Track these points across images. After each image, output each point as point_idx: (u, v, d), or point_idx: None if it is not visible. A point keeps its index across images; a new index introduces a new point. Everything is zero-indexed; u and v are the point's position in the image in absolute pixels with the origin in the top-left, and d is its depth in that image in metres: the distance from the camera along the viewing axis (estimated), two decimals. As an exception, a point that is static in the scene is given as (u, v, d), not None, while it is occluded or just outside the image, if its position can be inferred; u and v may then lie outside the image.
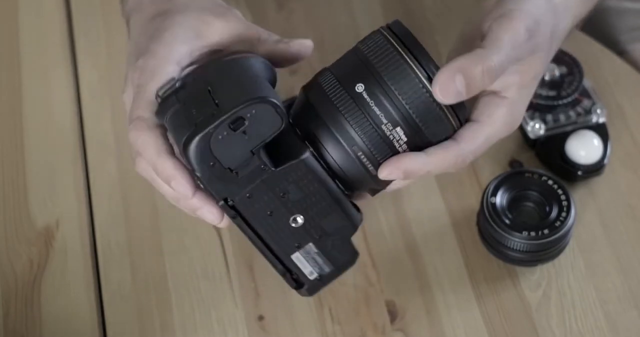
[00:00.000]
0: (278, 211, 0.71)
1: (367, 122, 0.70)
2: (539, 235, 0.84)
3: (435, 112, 0.70)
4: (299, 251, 0.72)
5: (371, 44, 0.72)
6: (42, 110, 0.99)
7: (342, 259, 0.74)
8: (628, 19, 1.07)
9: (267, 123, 0.70)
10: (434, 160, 0.72)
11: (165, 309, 0.87)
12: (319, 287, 0.74)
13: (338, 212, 0.72)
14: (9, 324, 0.87)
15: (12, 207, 0.93)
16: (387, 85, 0.70)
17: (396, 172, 0.71)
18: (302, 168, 0.71)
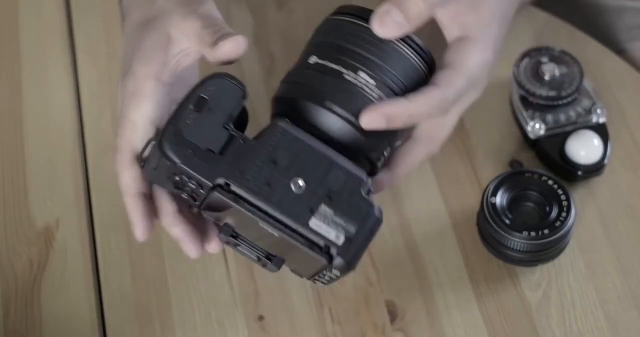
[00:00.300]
0: (275, 179, 0.70)
1: (329, 77, 0.72)
2: (539, 235, 0.84)
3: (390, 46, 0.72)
4: (314, 216, 0.70)
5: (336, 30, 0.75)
6: (42, 110, 0.99)
7: (366, 216, 0.71)
8: (627, 18, 1.07)
9: (228, 95, 0.71)
10: (415, 103, 0.73)
11: (165, 309, 0.87)
12: (352, 251, 0.70)
13: (337, 168, 0.71)
14: (9, 324, 0.87)
15: (12, 207, 0.93)
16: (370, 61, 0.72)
17: (377, 117, 0.72)
18: (280, 132, 0.71)
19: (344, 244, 0.70)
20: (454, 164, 0.93)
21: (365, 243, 0.71)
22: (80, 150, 0.96)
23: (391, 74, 0.73)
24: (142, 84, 0.76)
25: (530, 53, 0.94)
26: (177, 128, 0.71)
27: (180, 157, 0.70)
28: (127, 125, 0.75)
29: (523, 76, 0.93)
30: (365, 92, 0.72)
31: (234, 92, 0.72)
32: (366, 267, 0.88)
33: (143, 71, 0.76)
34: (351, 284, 0.88)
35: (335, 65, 0.73)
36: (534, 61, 0.94)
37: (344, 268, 0.71)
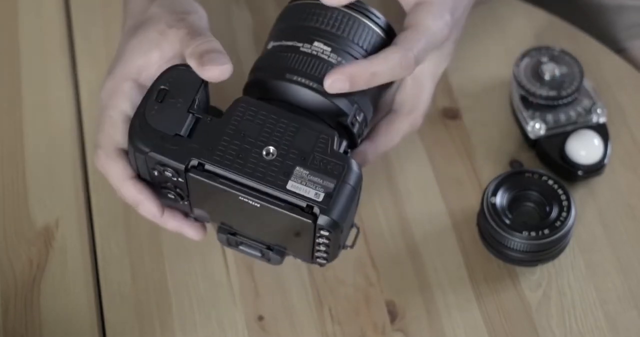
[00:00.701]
0: (246, 151, 0.71)
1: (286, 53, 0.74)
2: (539, 235, 0.84)
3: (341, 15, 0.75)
4: (291, 179, 0.71)
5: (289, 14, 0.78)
6: (42, 110, 0.99)
7: (342, 170, 0.71)
8: (627, 16, 1.07)
9: (188, 83, 0.73)
10: (375, 62, 0.74)
11: (165, 309, 0.87)
12: (336, 206, 0.70)
13: (305, 129, 0.72)
14: (8, 324, 0.87)
15: (12, 207, 0.93)
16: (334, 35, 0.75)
17: (340, 78, 0.73)
18: (242, 106, 0.72)
19: (325, 200, 0.70)
20: (454, 164, 0.93)
21: (350, 198, 0.71)
22: (80, 150, 0.96)
23: (347, 40, 0.75)
24: (120, 84, 0.78)
25: (530, 53, 0.94)
26: (142, 120, 0.73)
27: (150, 146, 0.72)
28: (107, 121, 0.77)
29: (523, 76, 0.93)
30: (322, 58, 0.74)
31: (194, 79, 0.73)
32: (366, 267, 0.88)
33: (122, 72, 0.78)
34: (351, 284, 0.88)
35: (290, 42, 0.75)
36: (534, 61, 0.94)
37: (330, 224, 0.71)
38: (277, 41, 0.76)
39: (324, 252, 0.75)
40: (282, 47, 0.76)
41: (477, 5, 0.86)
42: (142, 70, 0.78)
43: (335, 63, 0.74)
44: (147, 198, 0.77)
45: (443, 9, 0.77)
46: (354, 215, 0.76)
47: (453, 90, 0.97)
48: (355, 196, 0.72)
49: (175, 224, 0.80)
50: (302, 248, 0.75)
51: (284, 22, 0.78)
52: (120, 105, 0.77)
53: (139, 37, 0.79)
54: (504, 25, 1.00)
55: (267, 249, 0.78)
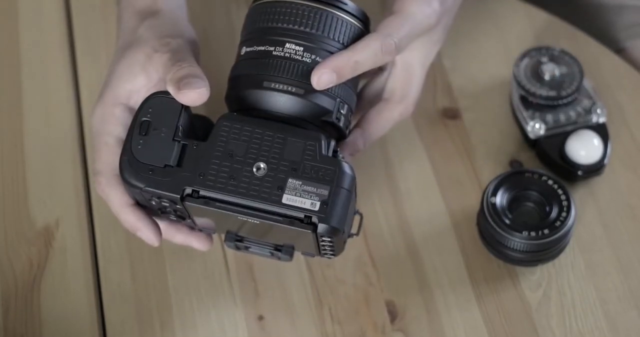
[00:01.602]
0: (236, 171, 0.71)
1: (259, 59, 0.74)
2: (539, 235, 0.84)
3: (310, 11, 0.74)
4: (285, 192, 0.71)
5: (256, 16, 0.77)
6: (42, 110, 0.99)
7: (333, 176, 0.71)
8: (626, 16, 1.07)
9: (168, 110, 0.73)
10: (356, 50, 0.75)
11: (165, 309, 0.87)
12: (333, 212, 0.71)
13: (288, 139, 0.72)
14: (8, 324, 0.87)
15: (12, 207, 0.93)
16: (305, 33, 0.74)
17: (326, 72, 0.73)
18: (225, 126, 0.72)
19: (322, 209, 0.71)
20: (454, 164, 0.93)
21: (346, 201, 0.71)
22: (80, 150, 0.96)
23: (320, 37, 0.74)
24: (111, 110, 0.79)
25: (530, 53, 0.94)
26: (130, 156, 0.73)
27: (142, 181, 0.72)
28: (103, 148, 0.78)
29: (523, 76, 0.93)
30: (296, 59, 0.74)
31: (174, 106, 0.74)
32: (366, 267, 0.88)
33: (111, 97, 0.79)
34: (351, 284, 0.88)
35: (262, 47, 0.75)
36: (534, 61, 0.94)
37: (329, 231, 0.71)
38: (249, 47, 0.76)
39: (330, 250, 0.75)
40: (254, 53, 0.75)
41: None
42: (132, 94, 0.79)
43: (310, 62, 0.74)
44: (145, 225, 0.78)
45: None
46: (353, 214, 0.76)
47: (453, 90, 0.97)
48: (350, 197, 0.72)
49: (181, 237, 0.81)
50: (308, 246, 0.76)
51: (252, 24, 0.77)
52: (113, 131, 0.78)
53: (127, 60, 0.79)
54: (504, 26, 1.00)
55: (275, 250, 0.78)
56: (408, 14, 0.77)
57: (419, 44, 0.80)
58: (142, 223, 0.78)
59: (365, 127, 0.81)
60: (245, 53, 0.76)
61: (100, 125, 0.79)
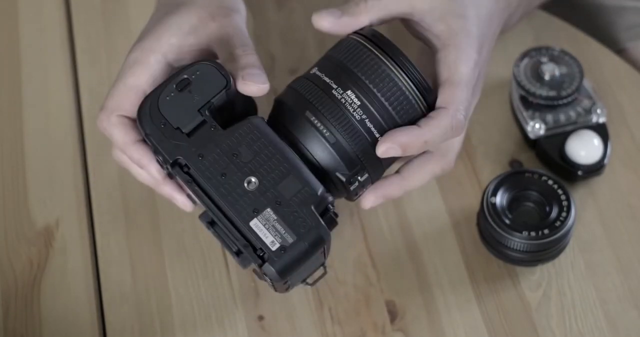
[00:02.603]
0: (231, 172, 0.71)
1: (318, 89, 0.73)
2: (539, 235, 0.84)
3: (387, 74, 0.73)
4: (257, 217, 0.71)
5: (344, 48, 0.75)
6: (42, 110, 0.99)
7: (307, 230, 0.71)
8: (627, 17, 1.07)
9: (211, 83, 0.73)
10: (427, 129, 0.74)
11: (166, 309, 0.87)
12: (284, 261, 0.71)
13: (293, 175, 0.72)
14: (9, 324, 0.87)
15: (12, 207, 0.93)
16: (367, 87, 0.73)
17: (393, 148, 0.73)
18: (249, 127, 0.72)
19: (277, 252, 0.71)
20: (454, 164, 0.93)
21: (303, 258, 0.71)
22: (80, 150, 0.96)
23: (380, 101, 0.73)
24: (146, 56, 0.77)
25: (530, 53, 0.94)
26: (155, 102, 0.73)
27: (149, 128, 0.73)
28: (121, 88, 0.77)
29: (523, 76, 0.93)
30: (347, 110, 0.73)
31: (219, 82, 0.73)
32: (366, 267, 0.88)
33: (151, 45, 0.77)
34: (351, 284, 0.88)
35: (328, 79, 0.74)
36: (534, 61, 0.94)
37: (272, 276, 0.71)
38: (320, 71, 0.75)
39: (269, 284, 0.75)
40: (319, 81, 0.74)
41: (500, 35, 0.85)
42: (173, 49, 0.77)
43: (357, 119, 0.73)
44: (150, 161, 0.77)
45: (471, 50, 0.76)
46: (312, 269, 0.76)
47: (453, 90, 0.97)
48: (309, 257, 0.72)
49: (168, 190, 0.80)
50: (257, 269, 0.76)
51: (338, 52, 0.75)
52: (139, 77, 0.77)
53: (181, 16, 0.78)
54: (503, 25, 1.00)
55: (237, 252, 0.75)
56: (461, 77, 0.75)
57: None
58: (147, 159, 0.77)
59: (406, 176, 0.79)
60: (313, 74, 0.75)
61: (129, 68, 0.77)
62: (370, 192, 0.77)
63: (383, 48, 0.74)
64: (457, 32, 0.76)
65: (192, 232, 0.91)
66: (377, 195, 0.77)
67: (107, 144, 0.96)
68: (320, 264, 0.76)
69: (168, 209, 0.92)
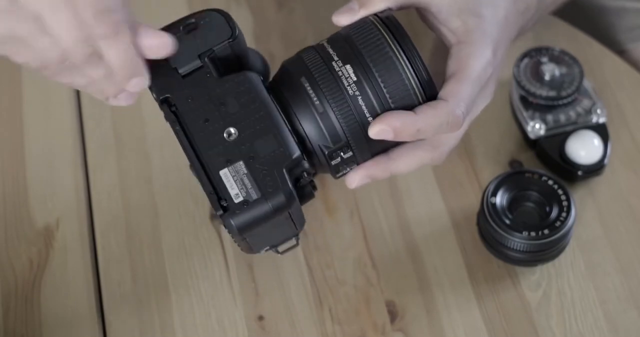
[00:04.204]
0: (214, 119, 0.71)
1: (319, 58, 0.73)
2: (539, 235, 0.84)
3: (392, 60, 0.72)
4: (228, 167, 0.71)
5: (357, 25, 0.74)
6: (42, 110, 0.99)
7: (273, 190, 0.70)
8: (627, 18, 1.07)
9: (217, 31, 0.73)
10: (422, 117, 0.73)
11: (165, 309, 0.87)
12: (243, 216, 0.70)
13: (273, 135, 0.71)
14: (9, 324, 0.87)
15: (12, 207, 0.93)
16: (367, 66, 0.72)
17: (386, 129, 0.72)
18: (244, 83, 0.72)
19: (239, 205, 0.70)
20: (454, 164, 0.93)
21: (263, 217, 0.71)
22: (80, 150, 0.96)
23: (376, 82, 0.73)
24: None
25: (530, 53, 0.94)
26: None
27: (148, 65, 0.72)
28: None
29: (523, 76, 0.93)
30: (341, 83, 0.73)
31: (224, 31, 0.73)
32: (366, 267, 0.88)
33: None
34: (351, 284, 0.88)
35: (332, 51, 0.74)
36: (534, 61, 0.94)
37: (230, 227, 0.71)
38: (328, 42, 0.75)
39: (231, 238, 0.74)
40: (323, 50, 0.74)
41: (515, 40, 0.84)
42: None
43: (350, 94, 0.72)
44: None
45: (485, 48, 0.76)
46: (278, 238, 0.75)
47: (453, 91, 0.97)
48: (272, 218, 0.71)
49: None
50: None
51: (350, 29, 0.75)
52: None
53: None
54: (504, 26, 1.00)
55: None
56: (469, 75, 0.74)
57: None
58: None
59: (393, 157, 0.77)
60: (321, 44, 0.75)
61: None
62: (355, 171, 0.76)
63: (393, 32, 0.73)
64: (473, 30, 0.76)
65: (192, 232, 0.91)
66: (362, 174, 0.76)
67: (107, 144, 0.96)
68: (293, 235, 0.76)
69: (168, 209, 0.92)
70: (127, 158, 0.95)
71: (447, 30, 0.77)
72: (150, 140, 0.96)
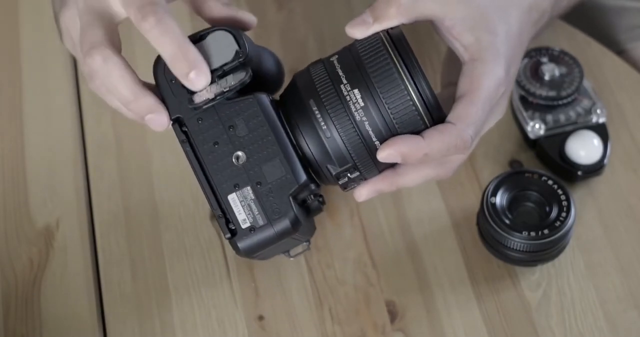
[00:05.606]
0: (223, 142, 0.72)
1: (328, 79, 0.73)
2: (539, 235, 0.84)
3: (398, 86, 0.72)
4: (236, 192, 0.72)
5: (367, 44, 0.74)
6: (42, 110, 0.99)
7: (279, 217, 0.72)
8: (627, 18, 1.07)
9: (224, 49, 0.73)
10: (430, 142, 0.73)
11: (165, 309, 0.87)
12: (250, 241, 0.73)
13: (280, 160, 0.72)
14: (9, 324, 0.87)
15: (12, 207, 0.93)
16: (375, 91, 0.72)
17: (393, 155, 0.72)
18: (253, 106, 0.72)
19: (246, 231, 0.73)
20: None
21: (268, 242, 0.73)
22: (80, 150, 0.96)
23: (384, 107, 0.72)
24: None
25: (530, 53, 0.94)
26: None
27: (160, 80, 0.73)
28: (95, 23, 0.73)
29: (523, 76, 0.93)
30: (348, 109, 0.73)
31: (233, 50, 0.73)
32: (366, 267, 0.88)
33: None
34: (351, 284, 0.88)
35: (341, 72, 0.73)
36: (534, 61, 0.94)
37: (237, 250, 0.73)
38: (338, 61, 0.74)
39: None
40: (332, 69, 0.74)
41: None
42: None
43: (357, 119, 0.72)
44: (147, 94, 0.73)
45: (498, 67, 0.75)
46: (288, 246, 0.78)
47: (453, 91, 0.97)
48: (276, 242, 0.73)
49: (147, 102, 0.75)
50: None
51: (360, 46, 0.74)
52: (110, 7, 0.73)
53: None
54: (503, 26, 1.00)
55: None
56: (480, 97, 0.74)
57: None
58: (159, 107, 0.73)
59: (400, 172, 0.77)
60: (331, 61, 0.74)
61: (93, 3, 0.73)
62: (362, 186, 0.77)
63: (402, 55, 0.73)
64: (486, 48, 0.75)
65: (192, 232, 0.91)
66: (370, 189, 0.77)
67: (107, 144, 0.96)
68: (304, 241, 0.78)
69: (168, 209, 0.92)
70: (127, 158, 0.95)
71: (460, 45, 0.76)
72: (150, 140, 0.96)
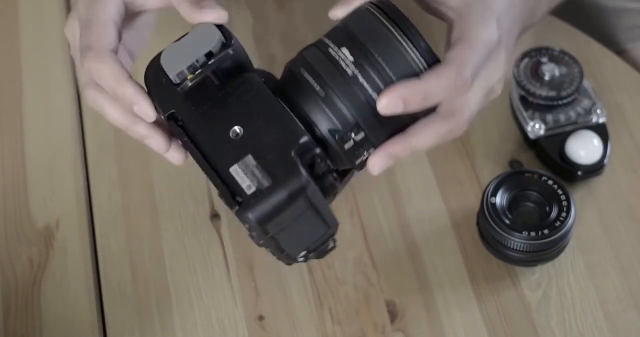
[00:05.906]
0: (218, 122, 0.71)
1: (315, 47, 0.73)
2: (539, 235, 0.84)
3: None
4: (238, 163, 0.69)
5: (351, 15, 0.74)
6: (42, 110, 0.99)
7: (285, 175, 0.69)
8: (627, 18, 1.07)
9: (207, 39, 0.73)
10: (428, 81, 0.71)
11: (165, 309, 0.87)
12: (259, 205, 0.68)
13: (277, 124, 0.71)
14: (9, 324, 0.87)
15: (12, 207, 0.93)
16: (363, 46, 0.72)
17: (393, 98, 0.70)
18: (243, 83, 0.72)
19: (252, 196, 0.68)
20: (454, 164, 0.93)
21: (280, 204, 0.68)
22: (80, 150, 0.96)
23: (374, 58, 0.72)
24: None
25: (530, 53, 0.94)
26: (157, 56, 0.73)
27: (149, 81, 0.73)
28: (95, 24, 0.74)
29: (523, 76, 0.93)
30: (339, 65, 0.72)
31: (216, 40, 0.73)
32: (366, 267, 0.88)
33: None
34: (351, 284, 0.88)
35: (327, 40, 0.73)
36: (534, 61, 0.94)
37: (245, 218, 0.68)
38: (325, 36, 0.74)
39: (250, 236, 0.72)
40: (321, 43, 0.74)
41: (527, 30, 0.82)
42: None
43: (350, 75, 0.72)
44: (143, 98, 0.73)
45: (487, 17, 0.74)
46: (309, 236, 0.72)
47: (453, 91, 0.97)
48: (291, 203, 0.69)
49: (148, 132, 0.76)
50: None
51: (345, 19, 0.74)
52: (109, 8, 0.74)
53: None
54: (503, 26, 1.00)
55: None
56: (473, 40, 0.73)
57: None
58: (140, 96, 0.73)
59: (411, 133, 0.74)
60: (320, 39, 0.74)
61: (94, 4, 0.74)
62: (374, 154, 0.73)
63: (387, 12, 0.73)
64: (472, 2, 0.74)
65: (192, 232, 0.91)
66: (382, 155, 0.73)
67: (107, 144, 0.96)
68: (327, 235, 0.73)
69: (168, 209, 0.92)
70: (127, 158, 0.95)
71: (446, 8, 0.75)
72: (150, 140, 0.96)
